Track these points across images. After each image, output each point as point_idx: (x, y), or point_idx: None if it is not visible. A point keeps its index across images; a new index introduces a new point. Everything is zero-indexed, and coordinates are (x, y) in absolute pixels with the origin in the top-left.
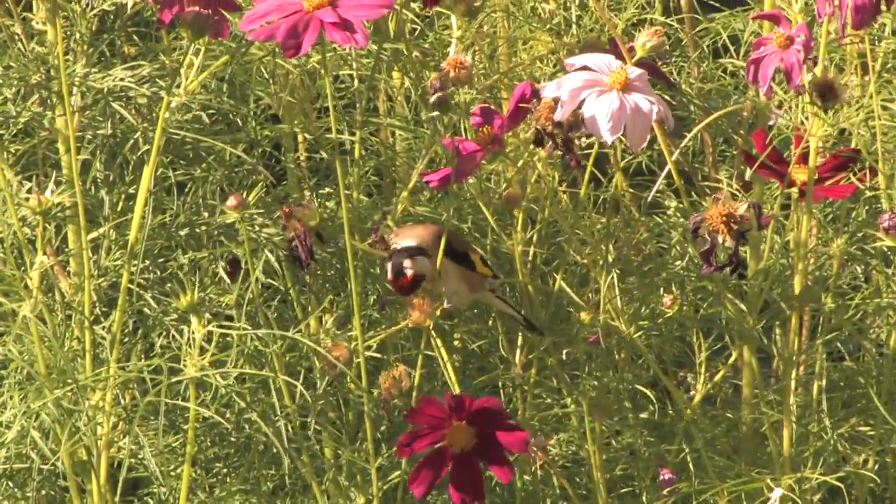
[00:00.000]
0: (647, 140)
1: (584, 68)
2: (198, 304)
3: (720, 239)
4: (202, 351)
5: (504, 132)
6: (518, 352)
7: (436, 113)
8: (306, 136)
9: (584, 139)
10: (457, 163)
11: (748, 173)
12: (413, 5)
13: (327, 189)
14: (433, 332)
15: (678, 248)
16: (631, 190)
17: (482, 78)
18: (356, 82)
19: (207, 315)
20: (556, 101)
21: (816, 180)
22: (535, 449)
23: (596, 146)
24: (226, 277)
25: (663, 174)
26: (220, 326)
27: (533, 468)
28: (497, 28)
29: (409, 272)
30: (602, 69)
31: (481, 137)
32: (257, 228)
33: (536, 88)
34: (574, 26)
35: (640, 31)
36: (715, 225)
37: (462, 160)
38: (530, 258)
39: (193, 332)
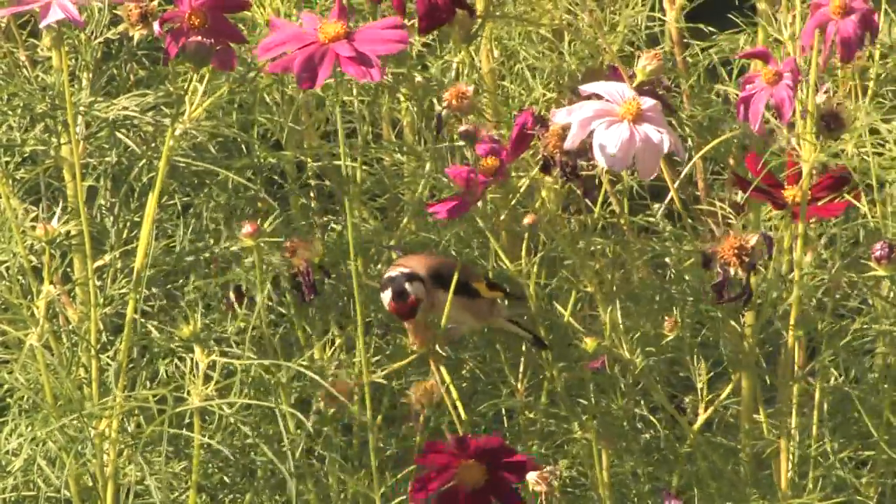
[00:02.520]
0: (657, 170)
1: (596, 97)
2: (201, 333)
3: (732, 271)
4: (207, 379)
5: (508, 163)
6: (521, 377)
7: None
8: (309, 161)
9: (589, 165)
10: (461, 195)
11: (740, 196)
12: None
13: (329, 216)
14: (433, 361)
15: (673, 272)
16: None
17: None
18: (356, 106)
19: (212, 342)
20: (564, 128)
21: (809, 200)
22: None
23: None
24: (236, 306)
25: (665, 201)
26: (224, 355)
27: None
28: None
29: (411, 295)
30: (614, 98)
31: (485, 169)
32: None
33: (542, 116)
34: (567, 53)
35: (638, 56)
36: (727, 258)
37: (470, 189)
38: (533, 282)
39: (196, 362)
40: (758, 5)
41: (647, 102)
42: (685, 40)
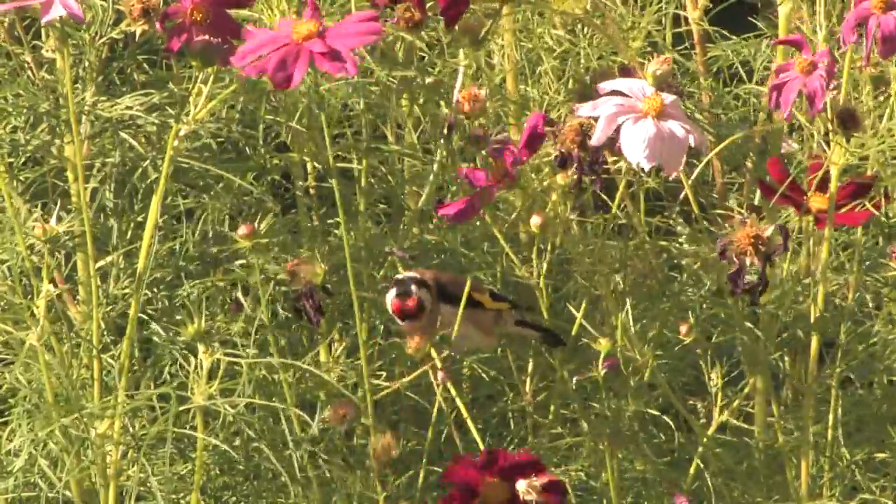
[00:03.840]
0: (681, 165)
1: (617, 93)
2: (205, 333)
3: (748, 261)
4: (210, 379)
5: (518, 165)
6: (528, 380)
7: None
8: (315, 164)
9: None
10: (470, 197)
11: (758, 200)
12: (423, 34)
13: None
14: (431, 369)
15: (691, 274)
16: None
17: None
18: (361, 107)
19: (216, 343)
20: (582, 124)
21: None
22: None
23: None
24: (244, 303)
25: (678, 200)
26: (228, 354)
27: None
28: (505, 56)
29: (415, 295)
30: (636, 95)
31: (495, 171)
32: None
33: (551, 118)
34: (582, 55)
35: (648, 59)
36: (743, 247)
37: (476, 194)
38: (544, 285)
39: (201, 361)
40: (780, 9)
41: (669, 98)
42: (707, 42)
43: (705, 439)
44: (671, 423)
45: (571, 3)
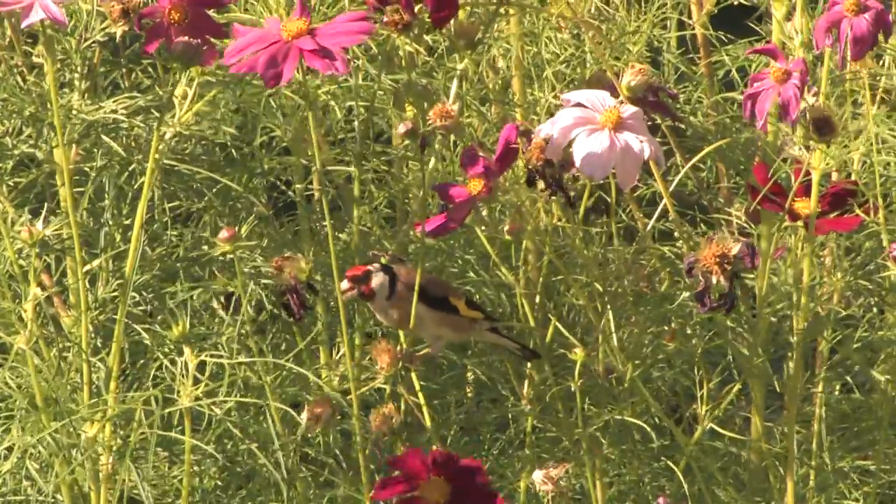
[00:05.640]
0: (636, 179)
1: (579, 105)
2: (192, 335)
3: (714, 279)
4: (196, 381)
5: (494, 177)
6: (526, 385)
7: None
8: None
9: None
10: (449, 211)
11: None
12: (426, 37)
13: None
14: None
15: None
16: (645, 220)
17: (495, 108)
18: (359, 113)
19: (204, 345)
20: (546, 139)
21: (818, 213)
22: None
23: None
24: (222, 312)
25: (659, 209)
26: (213, 356)
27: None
28: (510, 59)
29: (374, 281)
30: (596, 106)
31: (471, 184)
32: (256, 261)
33: (525, 129)
34: (588, 59)
35: (628, 68)
36: (709, 265)
37: (455, 208)
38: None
39: (186, 363)
40: (773, 11)
41: (629, 111)
42: (710, 46)
43: (694, 445)
44: (671, 427)
45: (567, 7)
